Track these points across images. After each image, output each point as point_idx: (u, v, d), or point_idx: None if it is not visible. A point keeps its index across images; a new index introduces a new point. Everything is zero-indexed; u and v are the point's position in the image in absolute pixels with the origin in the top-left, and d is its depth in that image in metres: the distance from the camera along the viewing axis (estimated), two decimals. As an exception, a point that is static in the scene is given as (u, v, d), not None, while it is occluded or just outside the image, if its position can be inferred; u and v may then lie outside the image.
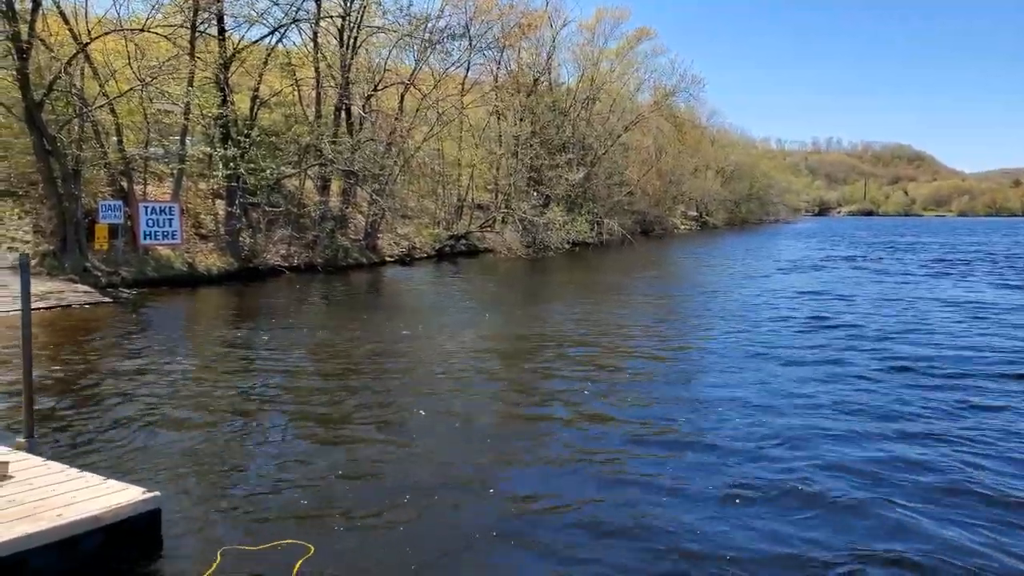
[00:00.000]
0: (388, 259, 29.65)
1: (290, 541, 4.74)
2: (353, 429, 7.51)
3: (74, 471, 5.00)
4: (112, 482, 4.80)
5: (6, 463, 4.88)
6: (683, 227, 70.47)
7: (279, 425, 7.65)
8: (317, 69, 25.22)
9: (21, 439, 5.51)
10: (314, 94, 25.94)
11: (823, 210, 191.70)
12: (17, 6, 17.66)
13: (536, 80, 41.36)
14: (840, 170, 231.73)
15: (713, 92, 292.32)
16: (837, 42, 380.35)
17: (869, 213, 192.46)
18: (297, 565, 4.39)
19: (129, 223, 20.80)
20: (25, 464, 5.03)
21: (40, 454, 5.36)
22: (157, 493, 4.64)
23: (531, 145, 37.88)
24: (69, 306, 16.17)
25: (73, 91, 19.23)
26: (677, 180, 65.49)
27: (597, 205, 44.54)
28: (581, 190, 42.28)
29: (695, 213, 78.23)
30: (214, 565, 4.37)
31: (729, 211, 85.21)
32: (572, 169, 40.08)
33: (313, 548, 4.64)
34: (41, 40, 18.33)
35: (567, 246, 35.68)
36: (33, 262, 19.22)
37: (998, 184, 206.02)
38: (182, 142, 21.91)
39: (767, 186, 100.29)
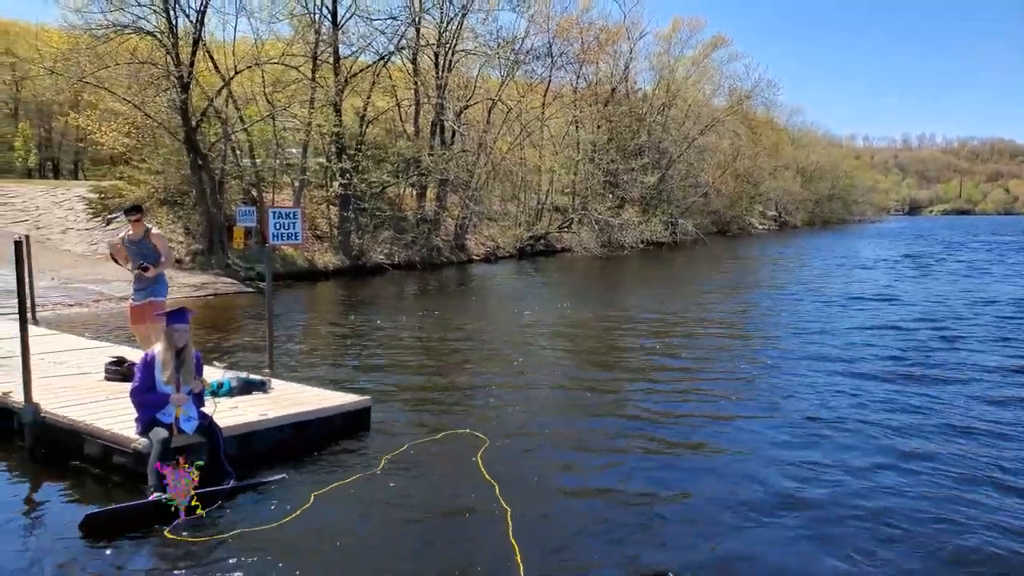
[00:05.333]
0: (475, 258, 32.61)
1: (469, 431, 7.31)
2: (477, 371, 10.24)
3: (308, 387, 7.83)
4: (336, 392, 7.60)
5: (269, 379, 7.75)
6: (760, 227, 70.96)
7: (429, 365, 10.57)
8: (416, 91, 28.38)
9: (267, 371, 8.39)
10: (412, 110, 29.13)
11: (913, 209, 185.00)
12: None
13: (613, 90, 43.55)
14: (933, 167, 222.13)
15: (797, 92, 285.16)
16: (930, 35, 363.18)
17: (965, 212, 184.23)
18: (481, 450, 6.82)
19: (259, 226, 24.42)
20: (278, 384, 7.88)
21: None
22: (368, 398, 7.40)
23: (607, 151, 40.14)
24: (223, 294, 19.69)
25: (220, 116, 22.93)
26: (755, 181, 66.19)
27: (672, 206, 46.31)
28: (656, 192, 44.20)
29: (774, 213, 78.37)
30: (401, 448, 7.03)
31: (809, 211, 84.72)
32: (647, 172, 42.09)
33: (488, 440, 7.03)
34: (196, 79, 22.06)
35: (641, 245, 37.76)
36: (187, 259, 23.05)
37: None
38: (304, 156, 25.42)
39: (850, 185, 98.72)
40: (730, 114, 53.52)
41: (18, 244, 6.40)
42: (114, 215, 25.50)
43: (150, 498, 5.23)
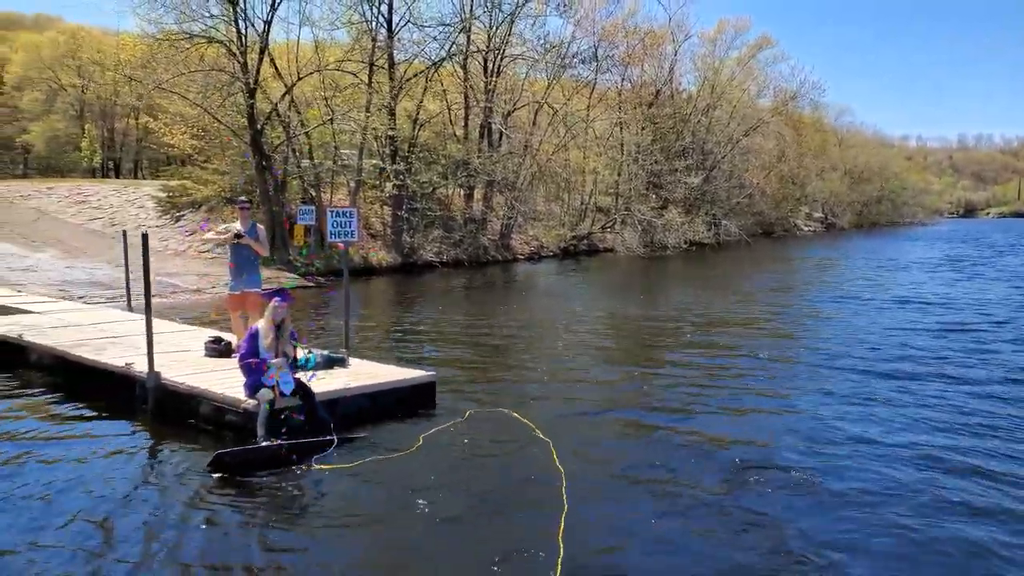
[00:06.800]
0: (519, 256, 33.55)
1: (507, 411, 8.25)
2: (528, 357, 11.17)
3: (380, 364, 8.85)
4: (406, 368, 8.60)
5: (347, 356, 8.79)
6: (806, 229, 70.36)
7: (481, 351, 11.55)
8: (466, 94, 29.48)
9: (344, 350, 9.44)
10: (462, 114, 30.23)
11: (968, 211, 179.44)
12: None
13: (658, 91, 44.04)
14: (990, 168, 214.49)
15: (848, 93, 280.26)
16: (987, 35, 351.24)
17: (1023, 215, 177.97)
18: (535, 418, 7.72)
19: (318, 224, 25.77)
20: (354, 361, 8.91)
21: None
22: (433, 373, 8.38)
23: (651, 152, 40.65)
24: (287, 288, 21.00)
25: (283, 120, 24.32)
26: (800, 182, 65.75)
27: (716, 207, 46.56)
28: (699, 193, 44.53)
29: (820, 215, 77.54)
30: (466, 415, 7.97)
31: (857, 213, 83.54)
32: (691, 173, 42.46)
33: (541, 413, 7.96)
34: (260, 85, 23.46)
35: (684, 246, 38.21)
36: (251, 255, 24.50)
37: None
38: (360, 158, 26.70)
39: (900, 187, 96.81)
40: (775, 115, 53.44)
41: (145, 237, 7.55)
42: (182, 213, 27.19)
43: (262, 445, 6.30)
